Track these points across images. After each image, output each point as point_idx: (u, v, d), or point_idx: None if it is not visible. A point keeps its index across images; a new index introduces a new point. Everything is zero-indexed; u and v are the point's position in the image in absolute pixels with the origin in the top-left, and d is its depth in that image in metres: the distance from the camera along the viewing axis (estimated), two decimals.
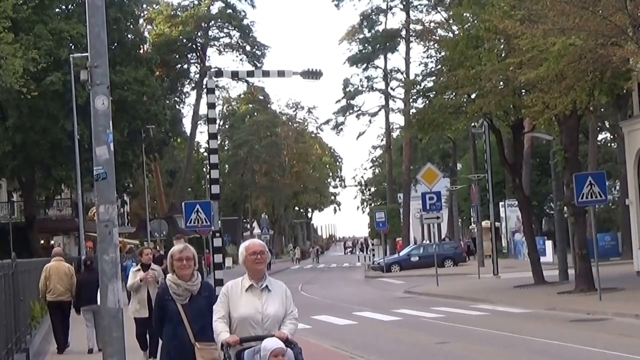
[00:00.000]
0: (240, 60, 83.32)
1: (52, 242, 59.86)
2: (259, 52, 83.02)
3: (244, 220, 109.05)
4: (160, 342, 9.53)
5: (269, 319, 8.22)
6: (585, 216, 32.16)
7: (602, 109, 46.33)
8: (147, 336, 16.73)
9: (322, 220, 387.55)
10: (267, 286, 8.35)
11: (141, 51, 59.53)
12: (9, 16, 34.72)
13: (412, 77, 64.86)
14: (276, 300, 8.33)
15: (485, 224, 56.80)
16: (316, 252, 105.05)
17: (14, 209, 58.21)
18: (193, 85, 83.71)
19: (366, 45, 77.77)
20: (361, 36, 78.34)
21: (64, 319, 20.75)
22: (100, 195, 10.83)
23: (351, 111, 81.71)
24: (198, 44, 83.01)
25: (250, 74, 68.49)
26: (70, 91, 41.25)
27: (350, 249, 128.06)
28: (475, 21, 33.60)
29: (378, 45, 77.06)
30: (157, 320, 9.16)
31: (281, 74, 33.83)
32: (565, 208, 33.84)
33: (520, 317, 25.33)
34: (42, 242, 56.67)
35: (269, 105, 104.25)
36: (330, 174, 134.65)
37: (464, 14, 35.07)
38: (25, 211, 53.83)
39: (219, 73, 42.00)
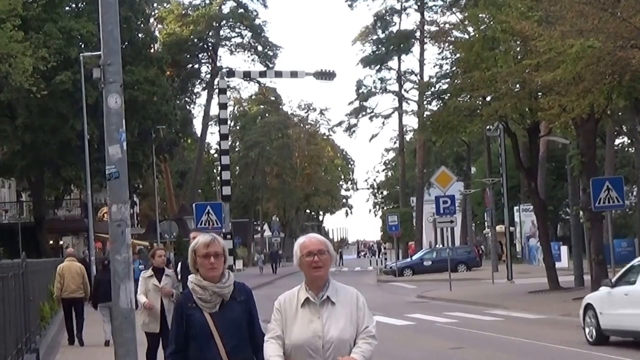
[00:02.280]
0: (252, 60, 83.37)
1: (61, 242, 59.69)
2: (270, 53, 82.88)
3: (255, 223, 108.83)
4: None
5: (331, 344, 6.08)
6: (601, 221, 31.78)
7: (620, 113, 45.77)
8: (161, 352, 14.40)
9: (334, 224, 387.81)
10: (328, 297, 6.18)
11: (152, 51, 59.35)
12: (19, 14, 34.54)
13: (426, 78, 64.73)
14: (342, 316, 6.16)
15: (499, 228, 56.44)
16: (340, 255, 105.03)
17: (23, 209, 58.13)
18: (204, 85, 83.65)
19: (380, 46, 77.31)
20: (375, 37, 77.89)
21: (76, 314, 22.49)
22: (112, 194, 10.65)
23: (364, 113, 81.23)
24: (209, 44, 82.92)
25: (262, 74, 68.21)
26: (80, 90, 41.06)
27: (365, 252, 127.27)
28: (492, 22, 33.24)
29: (392, 47, 76.62)
30: (181, 337, 6.59)
31: (294, 74, 33.63)
32: (581, 213, 33.49)
33: (535, 323, 25.09)
34: (51, 242, 56.49)
35: (280, 107, 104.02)
36: (342, 177, 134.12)
37: (480, 15, 34.73)
38: (34, 211, 53.66)
39: (231, 73, 41.67)
